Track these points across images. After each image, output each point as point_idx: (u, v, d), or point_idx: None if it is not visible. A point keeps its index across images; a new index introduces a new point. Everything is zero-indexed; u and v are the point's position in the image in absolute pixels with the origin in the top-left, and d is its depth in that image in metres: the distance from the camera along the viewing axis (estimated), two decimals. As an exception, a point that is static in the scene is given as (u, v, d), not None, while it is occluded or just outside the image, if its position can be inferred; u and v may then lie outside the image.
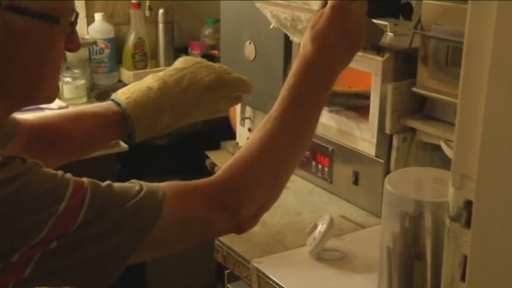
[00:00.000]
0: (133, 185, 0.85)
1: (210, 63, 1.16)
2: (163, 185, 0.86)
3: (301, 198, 1.49)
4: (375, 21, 1.44)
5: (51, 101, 0.89)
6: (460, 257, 0.67)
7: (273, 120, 0.91)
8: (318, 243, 1.19)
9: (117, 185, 0.84)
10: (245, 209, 0.88)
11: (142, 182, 0.86)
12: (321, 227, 1.20)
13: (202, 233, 0.89)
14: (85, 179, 0.83)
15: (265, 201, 0.91)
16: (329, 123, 1.45)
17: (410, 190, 0.97)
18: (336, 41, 0.94)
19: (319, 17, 0.96)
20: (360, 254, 1.23)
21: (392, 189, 0.94)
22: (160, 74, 1.12)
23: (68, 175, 0.82)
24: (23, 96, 0.85)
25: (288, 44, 1.61)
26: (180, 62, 1.14)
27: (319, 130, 1.49)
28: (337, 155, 1.47)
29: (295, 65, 0.95)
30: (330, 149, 1.48)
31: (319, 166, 1.52)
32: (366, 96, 1.37)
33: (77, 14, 0.87)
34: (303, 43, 0.96)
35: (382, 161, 1.35)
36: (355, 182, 1.43)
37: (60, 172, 0.81)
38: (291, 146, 0.92)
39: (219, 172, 0.90)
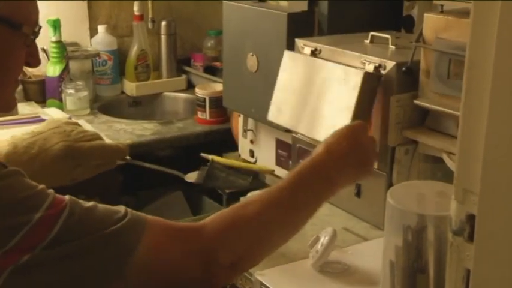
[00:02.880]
0: (118, 209, 0.83)
1: (70, 127, 1.08)
2: (150, 218, 0.84)
3: (303, 211, 1.48)
4: (377, 34, 1.45)
5: (6, 110, 0.87)
6: (463, 271, 0.67)
7: (275, 192, 0.93)
8: (321, 255, 1.19)
9: (101, 207, 0.82)
10: (220, 256, 0.86)
11: (129, 210, 0.83)
12: (324, 240, 1.20)
13: (173, 278, 0.84)
14: (67, 197, 0.81)
15: (242, 256, 0.89)
16: (325, 133, 1.44)
17: (413, 204, 0.96)
18: (346, 149, 0.98)
19: (333, 133, 1.01)
20: (362, 266, 1.22)
21: (395, 202, 0.94)
22: (18, 135, 1.05)
23: (50, 190, 0.80)
24: None
25: (290, 56, 1.61)
26: (42, 125, 1.07)
27: (315, 142, 1.48)
28: (339, 167, 1.46)
29: (304, 160, 0.98)
30: (332, 161, 1.48)
31: (322, 178, 1.51)
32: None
33: (40, 28, 0.86)
34: (315, 149, 0.99)
35: (384, 173, 1.35)
36: (358, 194, 1.42)
37: (42, 185, 0.80)
38: (281, 223, 0.93)
39: (206, 219, 0.89)
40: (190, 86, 2.51)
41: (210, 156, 1.35)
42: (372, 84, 1.29)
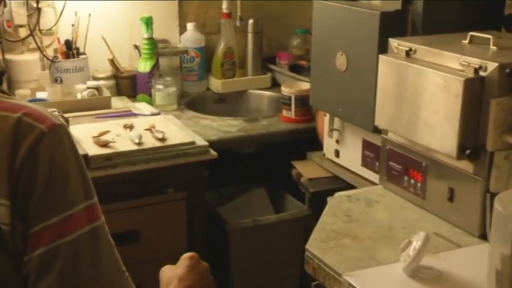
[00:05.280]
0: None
1: None
2: None
3: (392, 213, 1.46)
4: (477, 34, 1.40)
5: None
6: None
7: None
8: (413, 260, 1.16)
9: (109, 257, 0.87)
10: None
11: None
12: (416, 244, 1.17)
13: None
14: (102, 219, 0.87)
15: None
16: (426, 138, 1.41)
17: (520, 211, 0.92)
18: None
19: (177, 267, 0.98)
20: (456, 274, 1.18)
21: (503, 209, 0.90)
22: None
23: None
24: None
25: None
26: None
27: (411, 145, 1.46)
28: (431, 170, 1.43)
29: None
30: (423, 164, 1.44)
31: (412, 181, 1.48)
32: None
33: None
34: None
35: (481, 178, 1.30)
36: (450, 199, 1.38)
37: None
38: None
39: None
40: (274, 84, 2.52)
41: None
42: (474, 90, 1.25)
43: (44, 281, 0.82)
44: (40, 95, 2.10)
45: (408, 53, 1.44)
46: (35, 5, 2.17)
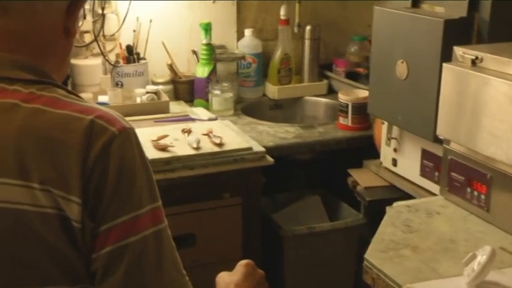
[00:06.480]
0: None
1: None
2: None
3: (454, 225, 1.42)
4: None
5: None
6: None
7: None
8: (478, 274, 1.13)
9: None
10: None
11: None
12: (481, 258, 1.14)
13: None
14: (165, 222, 0.89)
15: None
16: (490, 148, 1.37)
17: None
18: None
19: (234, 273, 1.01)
20: (523, 290, 1.15)
21: None
22: None
23: None
24: None
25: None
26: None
27: (476, 156, 1.42)
28: (496, 182, 1.39)
29: None
30: (488, 176, 1.40)
31: (475, 193, 1.44)
32: None
33: None
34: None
35: (550, 192, 1.26)
36: (517, 212, 1.34)
37: None
38: None
39: None
40: (331, 91, 2.50)
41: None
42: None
43: (110, 280, 0.84)
44: (101, 98, 2.15)
45: (474, 62, 1.40)
46: (100, 11, 2.23)
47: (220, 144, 1.83)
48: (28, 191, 0.81)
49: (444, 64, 1.48)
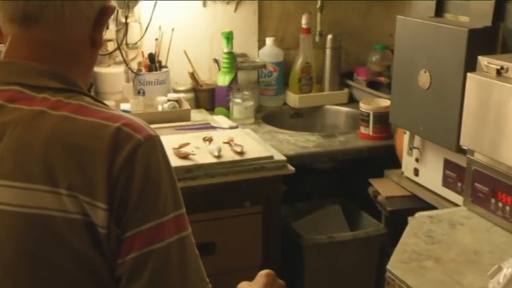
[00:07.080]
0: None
1: None
2: None
3: (478, 237, 1.41)
4: None
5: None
6: None
7: None
8: (504, 287, 1.11)
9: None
10: None
11: None
12: (507, 271, 1.12)
13: None
14: (189, 229, 0.90)
15: None
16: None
17: None
18: None
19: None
20: (549, 304, 1.12)
21: None
22: None
23: None
24: None
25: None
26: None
27: (500, 166, 1.40)
28: (521, 193, 1.37)
29: None
30: (513, 187, 1.39)
31: (500, 204, 1.43)
32: None
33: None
34: None
35: None
36: (542, 224, 1.32)
37: None
38: None
39: None
40: (352, 100, 2.50)
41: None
42: None
43: (135, 285, 0.84)
44: (123, 106, 2.17)
45: (499, 72, 1.39)
46: (123, 20, 2.25)
47: (241, 153, 1.83)
48: (56, 196, 0.82)
49: (468, 74, 1.47)
